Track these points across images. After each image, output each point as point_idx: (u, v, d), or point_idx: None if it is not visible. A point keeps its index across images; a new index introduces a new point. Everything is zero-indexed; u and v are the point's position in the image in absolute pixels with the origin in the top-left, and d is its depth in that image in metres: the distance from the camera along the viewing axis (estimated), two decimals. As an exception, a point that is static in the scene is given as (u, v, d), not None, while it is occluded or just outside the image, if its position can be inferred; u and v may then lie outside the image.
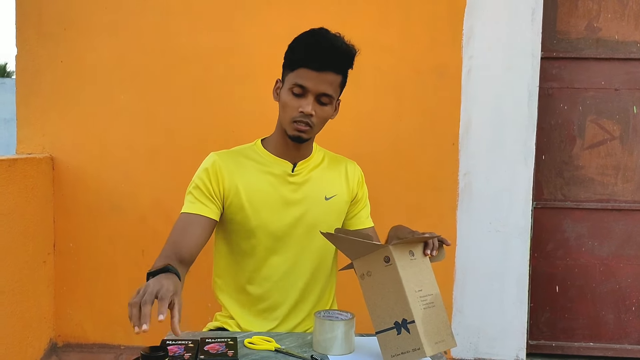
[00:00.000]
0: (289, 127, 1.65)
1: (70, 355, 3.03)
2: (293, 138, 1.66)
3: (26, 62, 2.98)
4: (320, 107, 1.64)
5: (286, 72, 1.67)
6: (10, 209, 2.61)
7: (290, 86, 1.63)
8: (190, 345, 1.38)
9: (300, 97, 1.62)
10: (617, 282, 3.16)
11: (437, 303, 1.38)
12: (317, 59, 1.60)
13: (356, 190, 1.84)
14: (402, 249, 1.38)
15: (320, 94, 1.62)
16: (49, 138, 3.00)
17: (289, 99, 1.63)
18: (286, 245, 1.71)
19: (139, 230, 3.01)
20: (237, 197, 1.68)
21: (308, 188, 1.72)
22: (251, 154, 1.75)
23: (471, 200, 2.98)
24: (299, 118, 1.62)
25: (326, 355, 1.44)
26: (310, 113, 1.61)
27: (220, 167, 1.69)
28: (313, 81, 1.60)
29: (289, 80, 1.64)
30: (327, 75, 1.61)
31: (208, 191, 1.68)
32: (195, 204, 1.68)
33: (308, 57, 1.60)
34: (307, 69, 1.60)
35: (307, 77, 1.60)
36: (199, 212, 1.67)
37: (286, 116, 1.65)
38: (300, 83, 1.61)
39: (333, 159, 1.85)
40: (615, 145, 3.14)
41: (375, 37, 2.93)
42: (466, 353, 3.03)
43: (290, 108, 1.63)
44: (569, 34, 3.12)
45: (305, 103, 1.61)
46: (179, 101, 2.98)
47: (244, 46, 2.96)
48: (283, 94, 1.66)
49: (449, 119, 2.96)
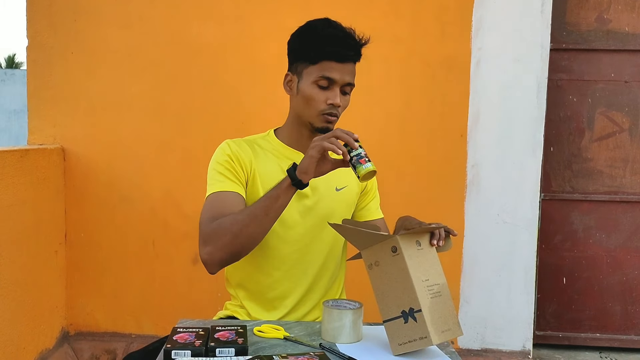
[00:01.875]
0: (316, 119, 1.66)
1: (82, 343, 3.06)
2: (321, 130, 1.67)
3: (37, 54, 3.00)
4: (343, 97, 1.66)
5: (304, 65, 1.66)
6: (22, 199, 2.64)
7: (315, 79, 1.63)
8: (201, 333, 1.40)
9: (326, 89, 1.63)
10: (624, 274, 3.16)
11: (443, 292, 1.40)
12: (342, 50, 1.61)
13: (366, 182, 1.85)
14: (409, 239, 1.39)
15: (345, 85, 1.65)
16: (60, 129, 3.02)
17: (314, 92, 1.63)
18: (297, 235, 1.72)
19: (150, 221, 3.04)
20: (254, 184, 1.69)
21: (319, 179, 1.72)
22: (264, 144, 1.76)
23: (479, 192, 2.98)
24: (329, 110, 1.64)
25: (334, 343, 1.45)
26: (339, 104, 1.63)
27: (239, 152, 1.69)
28: (339, 72, 1.62)
29: (311, 73, 1.64)
30: (349, 65, 1.64)
31: (233, 171, 1.67)
32: (225, 182, 1.66)
33: (333, 50, 1.61)
34: (332, 61, 1.61)
35: (333, 69, 1.61)
36: (232, 189, 1.65)
37: (312, 110, 1.65)
38: (327, 75, 1.61)
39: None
40: (624, 137, 3.13)
41: (384, 29, 2.93)
42: (473, 343, 3.04)
43: (316, 101, 1.63)
44: (579, 26, 3.11)
45: (333, 95, 1.62)
46: (189, 93, 2.99)
47: (254, 38, 2.97)
48: (306, 87, 1.65)
49: (457, 111, 2.96)
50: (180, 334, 1.40)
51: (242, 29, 2.96)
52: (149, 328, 3.07)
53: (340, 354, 1.37)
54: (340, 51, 1.61)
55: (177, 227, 3.02)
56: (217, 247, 1.55)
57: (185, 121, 3.00)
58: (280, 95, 2.93)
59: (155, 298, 3.07)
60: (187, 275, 3.04)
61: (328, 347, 1.41)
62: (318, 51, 1.62)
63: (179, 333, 1.40)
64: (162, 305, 3.07)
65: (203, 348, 1.31)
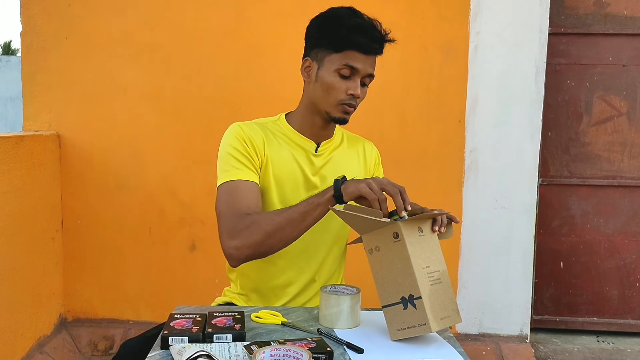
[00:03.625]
0: (334, 109, 1.63)
1: (80, 330, 3.07)
2: (338, 120, 1.64)
3: (31, 39, 2.97)
4: (363, 88, 1.64)
5: (326, 52, 1.62)
6: (17, 186, 2.62)
7: (338, 67, 1.60)
8: (198, 319, 1.40)
9: (347, 79, 1.61)
10: (621, 258, 3.17)
11: (443, 279, 1.39)
12: (369, 42, 1.59)
13: (373, 171, 1.84)
14: (411, 225, 1.38)
15: (366, 76, 1.63)
16: (55, 115, 3.00)
17: (335, 80, 1.60)
18: None
19: (146, 207, 3.03)
20: (266, 169, 1.66)
21: (329, 168, 1.71)
22: (275, 129, 1.72)
23: (477, 177, 2.98)
24: (348, 100, 1.61)
25: (332, 329, 1.45)
26: (359, 95, 1.61)
27: (253, 136, 1.64)
28: (363, 63, 1.60)
29: (334, 61, 1.61)
30: (373, 58, 1.63)
31: (248, 157, 1.62)
32: (242, 170, 1.60)
33: (360, 40, 1.58)
34: (356, 51, 1.59)
35: (358, 59, 1.59)
36: (249, 178, 1.60)
37: (331, 98, 1.62)
38: (351, 64, 1.59)
39: (351, 138, 1.84)
40: (622, 121, 3.12)
41: (382, 13, 2.87)
42: (471, 328, 3.05)
43: (337, 90, 1.61)
44: (577, 10, 3.09)
45: (355, 85, 1.60)
46: (185, 78, 2.97)
47: (251, 22, 2.95)
48: (326, 75, 1.62)
49: (455, 96, 2.95)
50: (177, 320, 1.39)
51: (238, 13, 2.94)
52: (147, 314, 3.08)
53: (338, 339, 1.37)
54: (367, 42, 1.59)
55: (173, 213, 3.01)
56: (246, 244, 1.52)
57: (181, 107, 2.98)
58: (277, 80, 2.93)
59: (152, 284, 3.07)
60: (184, 262, 3.04)
61: (326, 333, 1.41)
62: (343, 40, 1.59)
63: (176, 319, 1.39)
64: (159, 292, 3.07)
65: (200, 334, 1.31)
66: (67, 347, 2.98)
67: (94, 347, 3.02)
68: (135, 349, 1.57)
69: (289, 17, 2.92)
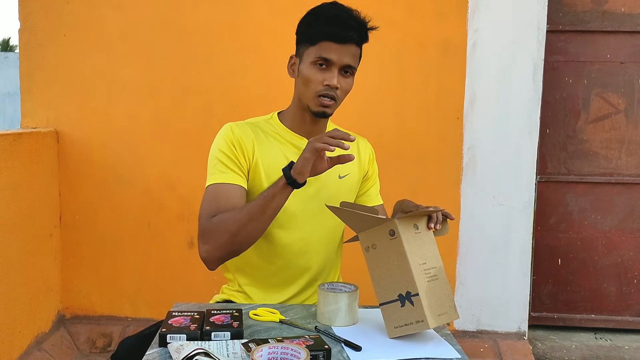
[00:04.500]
0: (312, 102, 1.62)
1: (78, 326, 3.07)
2: (317, 114, 1.64)
3: (29, 36, 2.97)
4: (344, 79, 1.62)
5: (304, 47, 1.64)
6: (16, 182, 2.62)
7: (313, 60, 1.60)
8: (196, 317, 1.40)
9: (324, 70, 1.60)
10: (619, 255, 3.17)
11: (440, 276, 1.39)
12: (341, 32, 1.58)
13: (367, 168, 1.83)
14: (407, 222, 1.39)
15: (343, 66, 1.61)
16: (53, 112, 3.00)
17: (312, 72, 1.60)
18: (299, 222, 1.70)
19: (144, 202, 3.03)
20: (257, 170, 1.66)
21: None
22: (267, 128, 1.72)
23: (475, 174, 2.98)
24: (325, 92, 1.60)
25: (330, 326, 1.45)
26: (337, 86, 1.60)
27: (241, 137, 1.65)
28: (337, 53, 1.59)
29: (310, 54, 1.61)
30: (349, 47, 1.60)
31: (235, 161, 1.63)
32: (226, 173, 1.62)
33: (332, 30, 1.58)
34: (330, 41, 1.58)
35: (331, 49, 1.58)
36: (234, 182, 1.62)
37: (309, 91, 1.62)
38: (324, 56, 1.59)
39: None
40: (620, 118, 3.13)
41: (380, 10, 2.90)
42: (469, 325, 3.06)
43: (314, 82, 1.60)
44: (575, 7, 3.09)
45: (331, 76, 1.59)
46: (183, 74, 2.97)
47: (248, 19, 2.94)
48: (304, 68, 1.62)
49: (453, 93, 2.95)
50: (175, 317, 1.39)
51: (236, 9, 2.94)
52: (145, 311, 3.08)
53: (335, 336, 1.37)
54: (338, 32, 1.58)
55: (172, 208, 3.01)
56: (215, 246, 1.55)
57: (179, 103, 2.98)
58: (275, 77, 2.92)
59: (151, 281, 3.07)
60: (182, 258, 3.04)
61: (324, 330, 1.41)
62: (317, 32, 1.60)
63: (174, 317, 1.40)
64: (158, 289, 3.07)
65: (198, 332, 1.31)
66: (65, 344, 2.98)
67: (92, 344, 3.03)
68: (134, 346, 1.57)
69: (286, 15, 2.91)
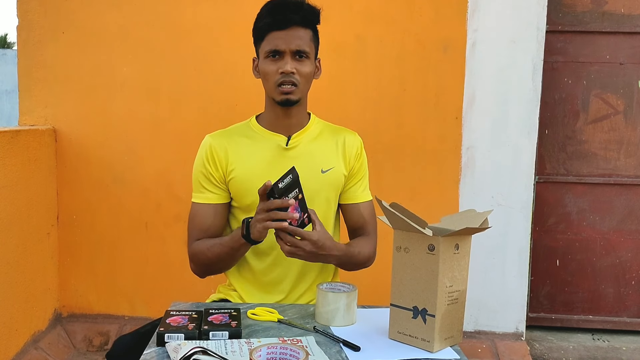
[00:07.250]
0: (275, 93, 1.66)
1: (75, 325, 3.06)
2: (282, 102, 1.67)
3: (28, 33, 2.96)
4: (298, 63, 1.65)
5: (258, 45, 1.71)
6: (13, 181, 2.61)
7: (265, 54, 1.66)
8: (194, 316, 1.39)
9: (277, 60, 1.65)
10: (617, 256, 3.17)
11: (460, 300, 1.37)
12: (280, 18, 1.63)
13: (352, 163, 1.79)
14: (451, 241, 1.33)
15: (295, 52, 1.64)
16: (51, 110, 2.99)
17: (267, 65, 1.66)
18: None
19: (142, 202, 3.02)
20: (234, 176, 1.70)
21: (304, 161, 1.70)
22: (246, 131, 1.76)
23: (474, 174, 2.98)
24: (282, 79, 1.64)
25: (328, 326, 1.45)
26: (291, 71, 1.63)
27: (216, 149, 1.72)
28: (283, 40, 1.63)
29: (263, 50, 1.67)
30: (295, 31, 1.64)
31: (210, 178, 1.72)
32: (204, 193, 1.73)
33: (272, 20, 1.63)
34: (274, 31, 1.64)
35: (277, 38, 1.63)
36: (209, 201, 1.73)
37: (270, 84, 1.67)
38: (273, 47, 1.64)
39: (333, 130, 1.82)
40: (619, 119, 3.13)
41: (380, 10, 2.90)
42: (467, 325, 3.05)
43: (270, 74, 1.65)
44: (575, 7, 3.08)
45: (283, 63, 1.63)
46: (181, 73, 2.96)
47: (247, 18, 2.91)
48: (261, 65, 1.69)
49: (452, 93, 2.95)
50: (173, 317, 1.39)
51: (234, 9, 2.92)
52: (142, 310, 3.07)
53: (334, 336, 1.37)
54: (279, 18, 1.63)
55: (169, 208, 3.01)
56: (198, 269, 1.75)
57: (178, 102, 2.97)
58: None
59: (148, 280, 3.06)
60: (180, 257, 3.02)
61: (322, 330, 1.41)
62: (262, 25, 1.67)
63: (172, 316, 1.39)
64: (155, 287, 3.06)
65: (196, 331, 1.31)
66: (62, 342, 2.97)
67: (89, 343, 3.02)
68: (129, 345, 1.57)
69: (286, 13, 2.91)
